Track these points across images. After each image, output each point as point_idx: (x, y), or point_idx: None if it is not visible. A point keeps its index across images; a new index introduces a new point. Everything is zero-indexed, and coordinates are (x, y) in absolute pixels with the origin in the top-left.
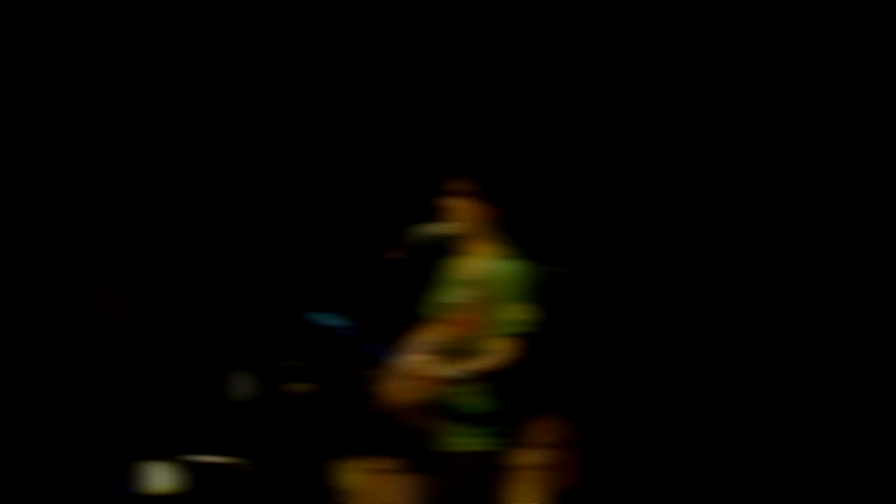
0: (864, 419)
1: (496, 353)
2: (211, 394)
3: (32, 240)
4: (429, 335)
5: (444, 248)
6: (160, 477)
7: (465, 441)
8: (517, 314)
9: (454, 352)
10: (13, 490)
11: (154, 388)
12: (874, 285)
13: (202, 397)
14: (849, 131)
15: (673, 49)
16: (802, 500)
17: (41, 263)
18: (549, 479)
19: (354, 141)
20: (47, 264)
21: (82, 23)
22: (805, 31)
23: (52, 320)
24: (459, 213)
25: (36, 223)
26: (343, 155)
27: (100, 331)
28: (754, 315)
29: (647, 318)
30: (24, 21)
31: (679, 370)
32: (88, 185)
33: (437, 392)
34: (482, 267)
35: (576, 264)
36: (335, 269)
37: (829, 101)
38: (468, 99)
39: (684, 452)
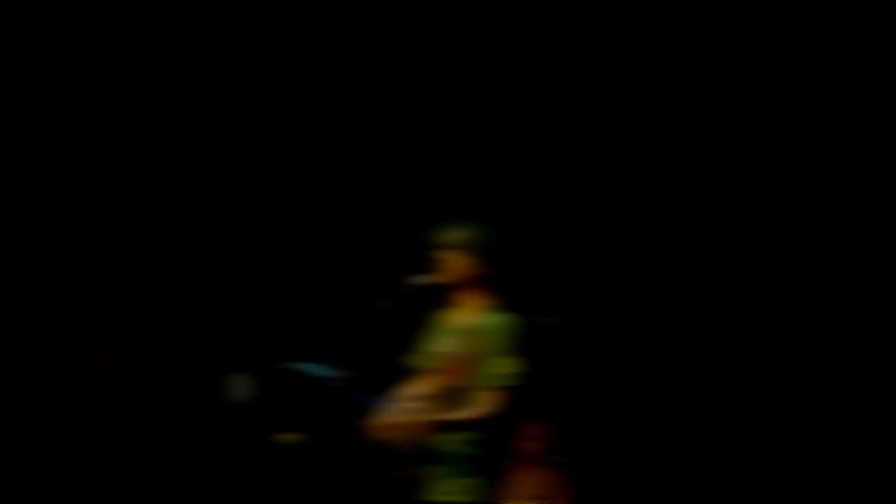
0: (864, 419)
1: (482, 403)
2: (202, 444)
3: (25, 286)
4: (418, 384)
5: (434, 299)
6: None
7: (449, 489)
8: (503, 367)
9: (442, 400)
10: None
11: (144, 437)
12: (874, 285)
13: (193, 448)
14: (849, 131)
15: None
16: None
17: (33, 311)
18: None
19: (347, 190)
20: (39, 312)
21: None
22: (805, 31)
23: (43, 366)
24: (449, 265)
25: (27, 266)
26: (335, 204)
27: (90, 380)
28: (748, 349)
29: (635, 367)
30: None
31: (668, 419)
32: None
33: (422, 439)
34: (471, 319)
35: (563, 315)
36: (325, 320)
37: (829, 102)
38: (458, 150)
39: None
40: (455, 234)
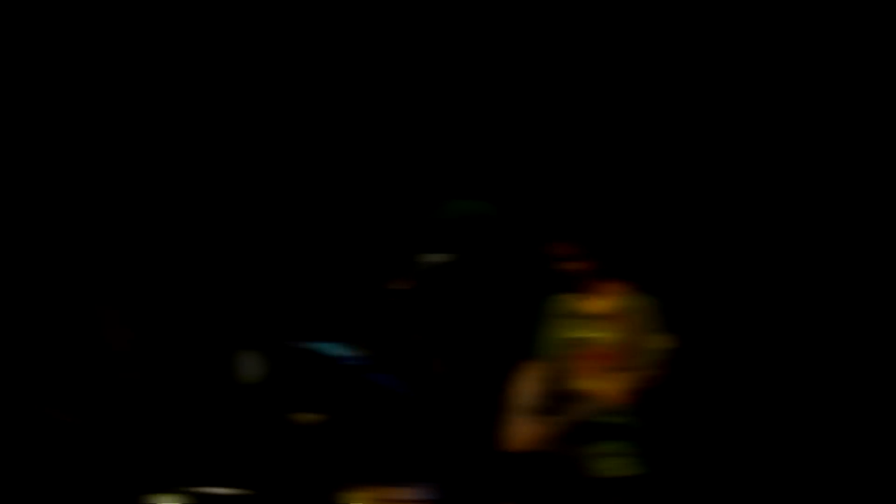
0: (863, 419)
1: (640, 379)
2: (218, 426)
3: (40, 273)
4: (550, 371)
5: (449, 278)
6: None
7: (613, 465)
8: (656, 344)
9: (596, 383)
10: None
11: (161, 418)
12: (874, 286)
13: (209, 430)
14: (849, 131)
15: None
16: None
17: (49, 295)
18: None
19: (362, 169)
20: (55, 296)
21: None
22: (805, 31)
23: (62, 352)
24: (570, 269)
25: (42, 254)
26: (351, 184)
27: (108, 363)
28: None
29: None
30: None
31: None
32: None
33: (585, 419)
34: (608, 304)
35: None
36: (341, 299)
37: (829, 102)
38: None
39: None
40: (569, 247)
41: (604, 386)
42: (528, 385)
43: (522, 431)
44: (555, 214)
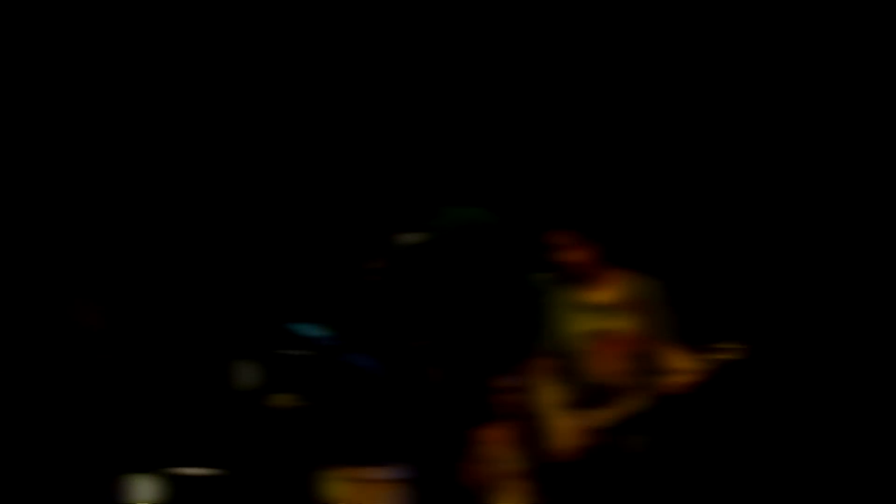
0: (868, 413)
1: (680, 361)
2: (194, 405)
3: (17, 257)
4: (574, 367)
5: (426, 260)
6: (144, 490)
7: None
8: (671, 323)
9: (628, 372)
10: None
11: (137, 399)
12: (874, 274)
13: (185, 410)
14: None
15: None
16: None
17: (25, 280)
18: None
19: (338, 151)
20: (31, 281)
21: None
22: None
23: (37, 335)
24: (570, 258)
25: (20, 239)
26: (326, 165)
27: (84, 345)
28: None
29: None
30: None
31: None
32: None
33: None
34: (614, 293)
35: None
36: (318, 280)
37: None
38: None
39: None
40: (568, 234)
41: (678, 363)
42: (552, 382)
43: (566, 430)
44: (551, 204)
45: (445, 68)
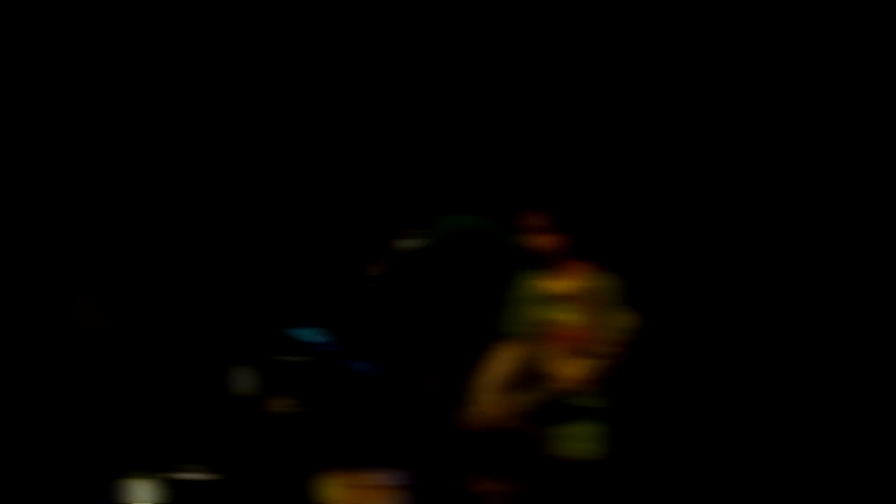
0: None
1: (608, 357)
2: (193, 408)
3: (17, 258)
4: (520, 351)
5: (424, 266)
6: (141, 493)
7: (579, 443)
8: (622, 322)
9: (562, 362)
10: None
11: (135, 403)
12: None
13: (184, 412)
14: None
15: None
16: None
17: (23, 277)
18: None
19: (338, 155)
20: (29, 278)
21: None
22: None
23: (35, 332)
24: (539, 243)
25: (20, 240)
26: (324, 171)
27: (83, 347)
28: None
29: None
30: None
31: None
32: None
33: (551, 398)
34: (574, 284)
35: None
36: (316, 286)
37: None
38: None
39: None
40: (541, 217)
41: (570, 368)
42: (498, 364)
43: (489, 409)
44: (528, 188)
45: (444, 75)
